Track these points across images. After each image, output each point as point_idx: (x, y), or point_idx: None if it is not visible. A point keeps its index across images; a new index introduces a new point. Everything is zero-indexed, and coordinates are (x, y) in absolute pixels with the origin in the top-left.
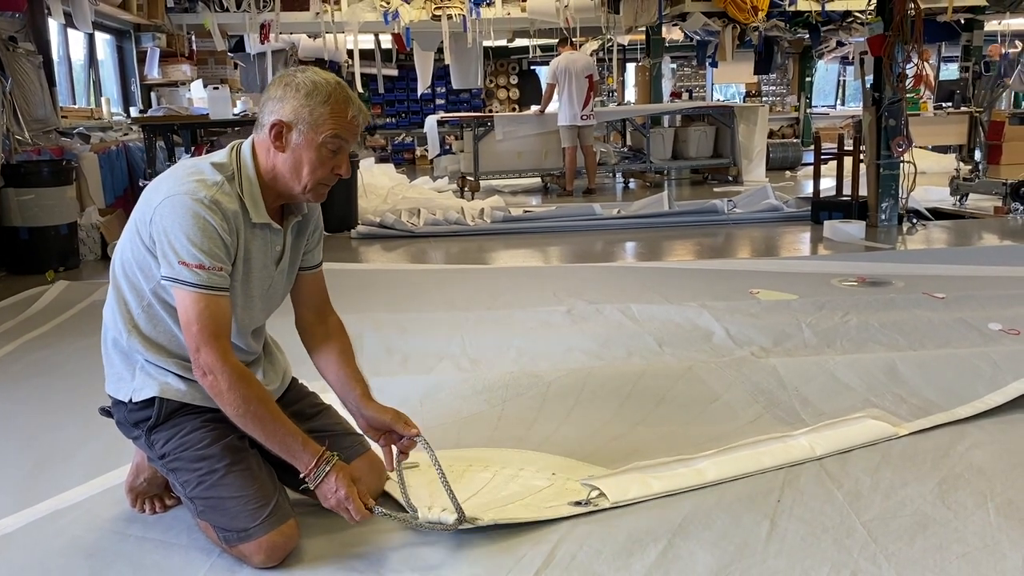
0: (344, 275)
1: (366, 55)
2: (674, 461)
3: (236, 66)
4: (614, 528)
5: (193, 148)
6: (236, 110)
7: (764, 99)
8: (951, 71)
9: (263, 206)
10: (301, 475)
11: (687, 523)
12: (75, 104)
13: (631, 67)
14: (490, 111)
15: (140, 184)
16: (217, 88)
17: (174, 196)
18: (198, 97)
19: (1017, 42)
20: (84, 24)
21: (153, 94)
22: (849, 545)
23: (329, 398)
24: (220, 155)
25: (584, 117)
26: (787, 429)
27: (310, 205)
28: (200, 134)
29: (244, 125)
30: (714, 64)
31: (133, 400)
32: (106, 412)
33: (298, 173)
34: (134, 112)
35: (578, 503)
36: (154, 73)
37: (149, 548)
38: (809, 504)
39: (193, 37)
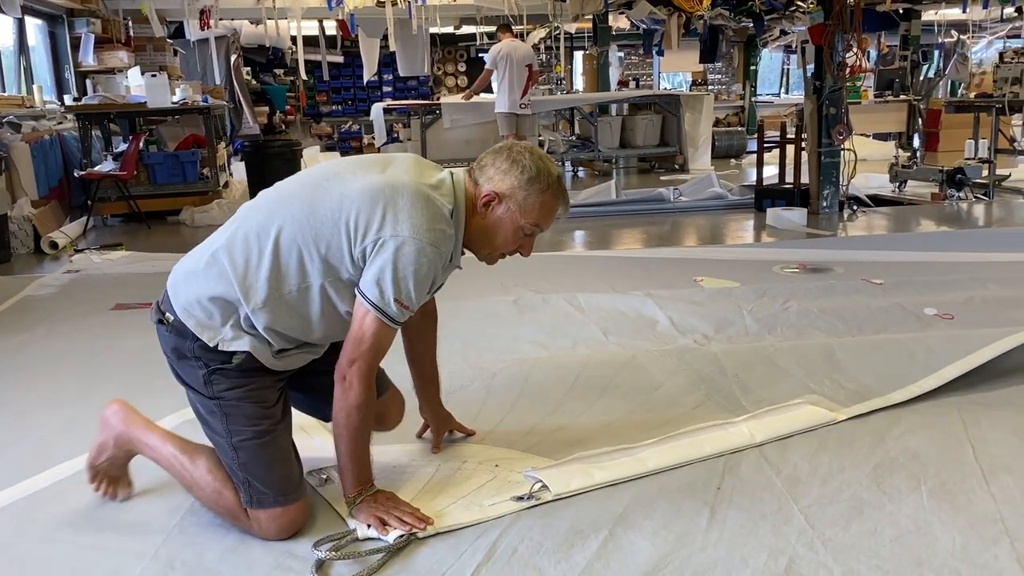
0: None
1: (310, 41)
2: (616, 450)
3: (176, 53)
4: (556, 520)
5: (131, 137)
6: (175, 98)
7: (710, 88)
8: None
9: (460, 250)
10: (345, 496)
11: (628, 513)
12: (4, 92)
13: (579, 55)
14: (438, 99)
15: (75, 175)
16: (155, 75)
17: (421, 240)
18: (135, 85)
19: (953, 32)
20: (12, 9)
21: (88, 82)
22: (787, 532)
23: None
24: (450, 194)
25: (523, 105)
26: (728, 416)
27: None
28: (139, 122)
29: (183, 113)
30: (660, 53)
31: (219, 348)
32: (161, 322)
33: (489, 241)
34: (68, 100)
35: (520, 498)
36: (89, 60)
37: (80, 554)
38: (748, 491)
39: (130, 23)
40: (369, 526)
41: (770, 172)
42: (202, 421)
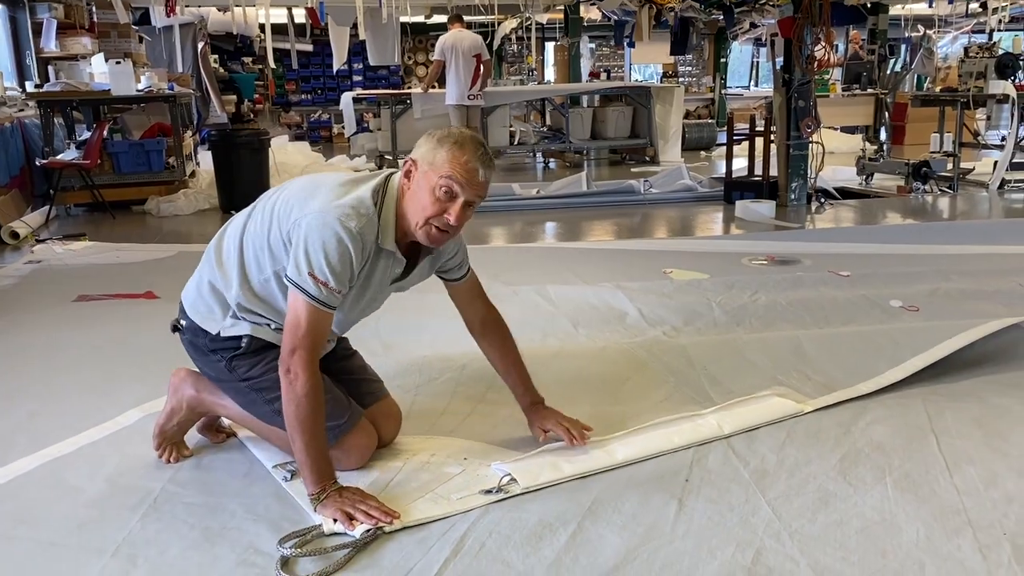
0: None
1: (279, 29)
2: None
3: (141, 40)
4: (524, 513)
5: (95, 125)
6: (140, 86)
7: (680, 80)
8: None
9: (392, 235)
10: (308, 492)
11: (597, 506)
12: None
13: (550, 46)
14: (409, 88)
15: (37, 163)
16: (119, 63)
17: (327, 214)
18: (100, 72)
19: (919, 26)
20: None
21: (50, 68)
22: (754, 523)
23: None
24: (375, 181)
25: (471, 96)
26: (696, 408)
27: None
28: (103, 110)
29: (148, 101)
30: (631, 44)
31: (221, 335)
32: (176, 328)
33: (412, 209)
34: (30, 87)
35: (489, 491)
36: (51, 46)
37: (37, 551)
38: (716, 483)
39: (93, 8)
40: (335, 521)
41: (739, 165)
42: (244, 407)
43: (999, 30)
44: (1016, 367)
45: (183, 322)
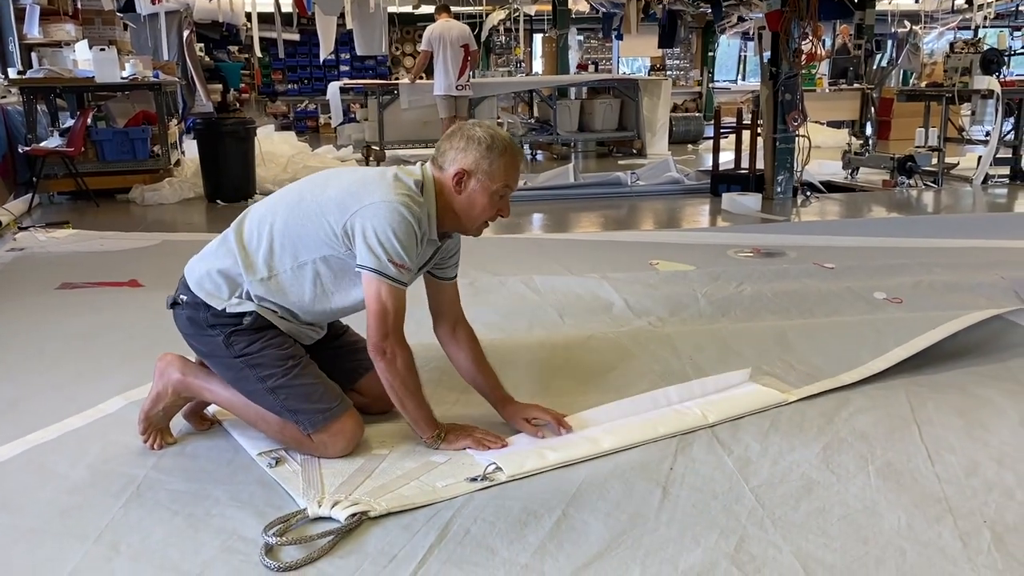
0: None
1: (265, 19)
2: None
3: (126, 27)
4: (509, 500)
5: (79, 112)
6: (125, 73)
7: (668, 73)
8: None
9: (436, 227)
10: (424, 439)
11: (581, 493)
12: None
13: (538, 38)
14: (396, 79)
15: (20, 150)
16: (104, 50)
17: (391, 203)
18: (83, 59)
19: (906, 22)
20: None
21: (34, 55)
22: (738, 511)
23: None
24: (416, 173)
25: (460, 87)
26: (685, 391)
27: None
28: (87, 98)
29: (133, 89)
30: (619, 37)
31: (226, 311)
32: (175, 303)
33: (470, 213)
34: (12, 74)
35: (474, 479)
36: (34, 32)
37: (18, 537)
38: (700, 471)
39: None
40: (320, 503)
41: (726, 158)
42: (235, 385)
43: (984, 26)
44: (996, 358)
45: (184, 297)
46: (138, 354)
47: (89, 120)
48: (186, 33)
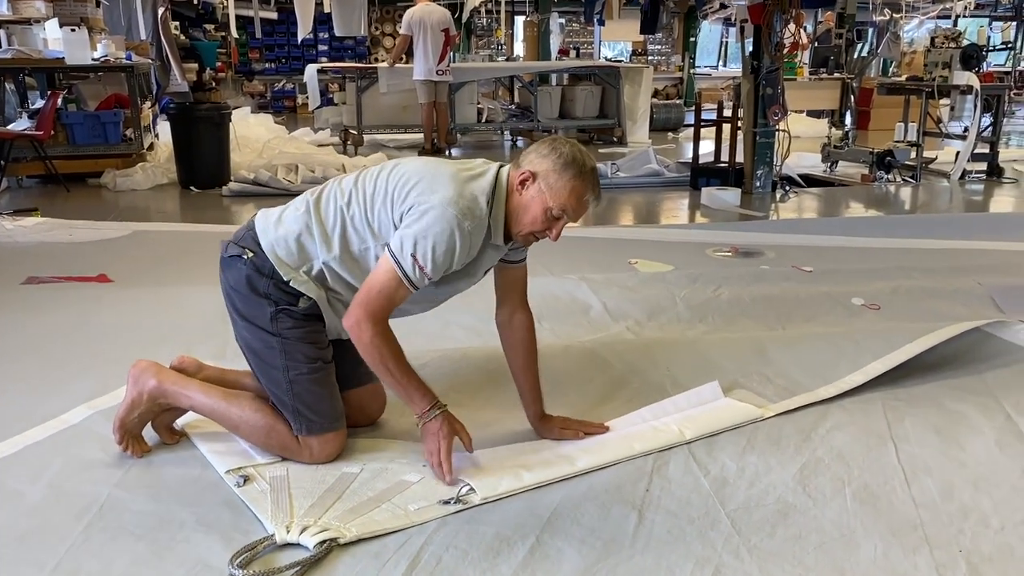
0: (212, 237)
1: None
2: (546, 449)
3: (99, 4)
4: (482, 525)
5: (50, 93)
6: (96, 54)
7: (650, 58)
8: None
9: (502, 232)
10: (415, 415)
11: (556, 517)
12: None
13: (520, 20)
14: (376, 60)
15: None
16: (75, 30)
17: (448, 209)
18: (54, 38)
19: (886, 10)
20: None
21: (2, 32)
22: (713, 538)
23: None
24: (488, 179)
25: (440, 72)
26: (659, 410)
27: None
28: (58, 77)
29: (104, 71)
30: (601, 22)
31: (291, 284)
32: (239, 256)
33: (521, 219)
34: None
35: (447, 502)
36: (2, 9)
37: None
38: (676, 493)
39: None
40: (288, 528)
41: (707, 148)
42: (254, 355)
43: (964, 16)
44: (974, 370)
45: (250, 253)
46: (106, 358)
47: (59, 102)
48: (161, 11)
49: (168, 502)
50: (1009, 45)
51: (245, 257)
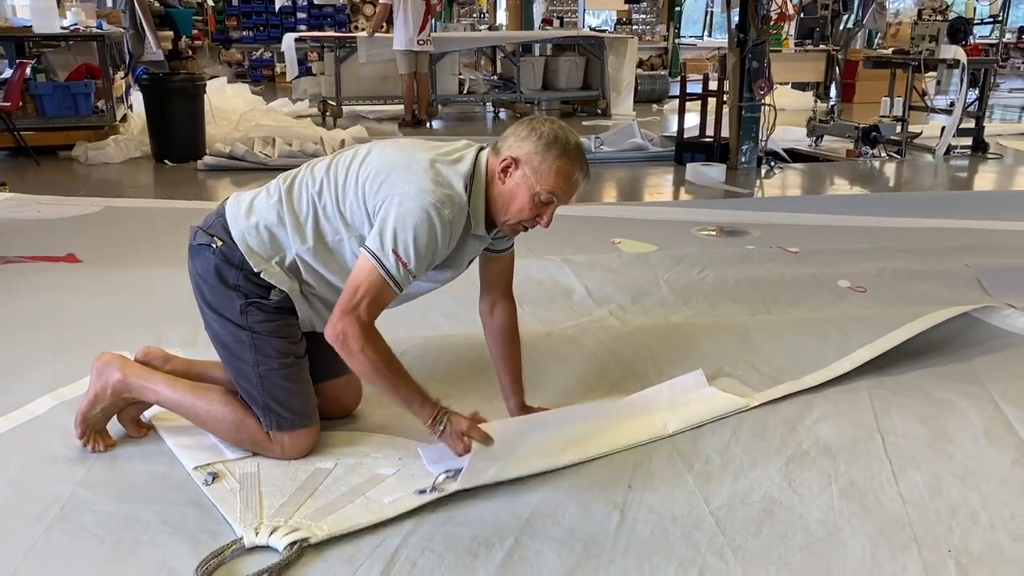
0: (186, 214)
1: None
2: (531, 431)
3: None
4: (459, 527)
5: (18, 62)
6: (66, 23)
7: (634, 27)
8: None
9: (483, 221)
10: (425, 424)
11: (535, 517)
12: None
13: None
14: (355, 28)
15: None
16: None
17: (424, 198)
18: (22, 5)
19: None
20: None
21: None
22: (697, 538)
23: None
24: (466, 164)
25: (420, 42)
26: (641, 400)
27: None
28: (28, 46)
29: (74, 40)
30: None
31: (261, 275)
32: (208, 245)
33: (507, 208)
34: None
35: (423, 491)
36: None
37: None
38: (659, 490)
39: None
40: (257, 531)
41: (692, 122)
42: (223, 348)
43: None
44: (960, 357)
45: (219, 241)
46: (72, 343)
47: (27, 72)
48: None
49: (133, 501)
50: (997, 19)
51: (214, 246)
